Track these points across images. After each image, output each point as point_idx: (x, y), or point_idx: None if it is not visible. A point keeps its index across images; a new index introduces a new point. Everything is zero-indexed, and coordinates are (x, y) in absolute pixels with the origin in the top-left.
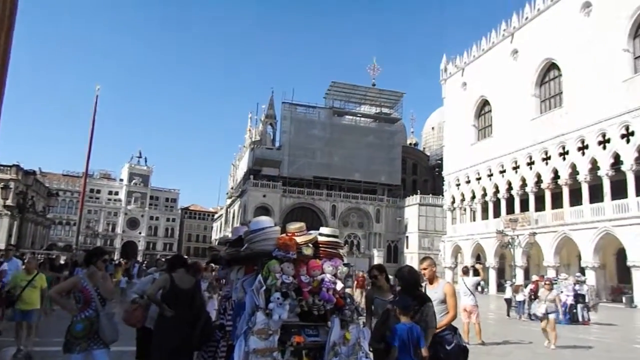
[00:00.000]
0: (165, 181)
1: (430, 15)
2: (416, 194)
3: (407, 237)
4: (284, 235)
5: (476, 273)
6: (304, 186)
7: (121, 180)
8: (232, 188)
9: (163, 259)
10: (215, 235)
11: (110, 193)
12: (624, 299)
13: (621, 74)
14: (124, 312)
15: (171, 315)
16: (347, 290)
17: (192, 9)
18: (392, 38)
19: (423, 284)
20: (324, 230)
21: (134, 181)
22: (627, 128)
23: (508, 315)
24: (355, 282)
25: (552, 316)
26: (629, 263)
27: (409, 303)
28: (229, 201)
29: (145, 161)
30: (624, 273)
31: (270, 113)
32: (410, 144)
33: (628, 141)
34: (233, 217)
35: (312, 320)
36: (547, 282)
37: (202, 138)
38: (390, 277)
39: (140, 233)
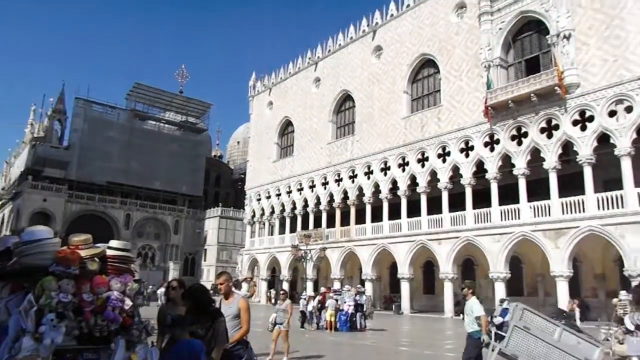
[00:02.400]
0: None
1: (241, 30)
2: (218, 206)
3: (205, 249)
4: (64, 248)
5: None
6: (95, 192)
7: None
8: (3, 189)
9: None
10: None
11: None
12: (394, 307)
13: (401, 111)
14: None
15: None
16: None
17: None
18: (203, 47)
19: (218, 299)
20: (113, 243)
21: None
22: (403, 159)
23: (302, 326)
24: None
25: (283, 326)
26: (398, 275)
27: (185, 319)
28: None
29: None
30: (395, 284)
31: (59, 108)
32: (215, 156)
33: (404, 170)
34: (2, 223)
35: (93, 342)
36: (282, 292)
37: None
38: None
39: None
